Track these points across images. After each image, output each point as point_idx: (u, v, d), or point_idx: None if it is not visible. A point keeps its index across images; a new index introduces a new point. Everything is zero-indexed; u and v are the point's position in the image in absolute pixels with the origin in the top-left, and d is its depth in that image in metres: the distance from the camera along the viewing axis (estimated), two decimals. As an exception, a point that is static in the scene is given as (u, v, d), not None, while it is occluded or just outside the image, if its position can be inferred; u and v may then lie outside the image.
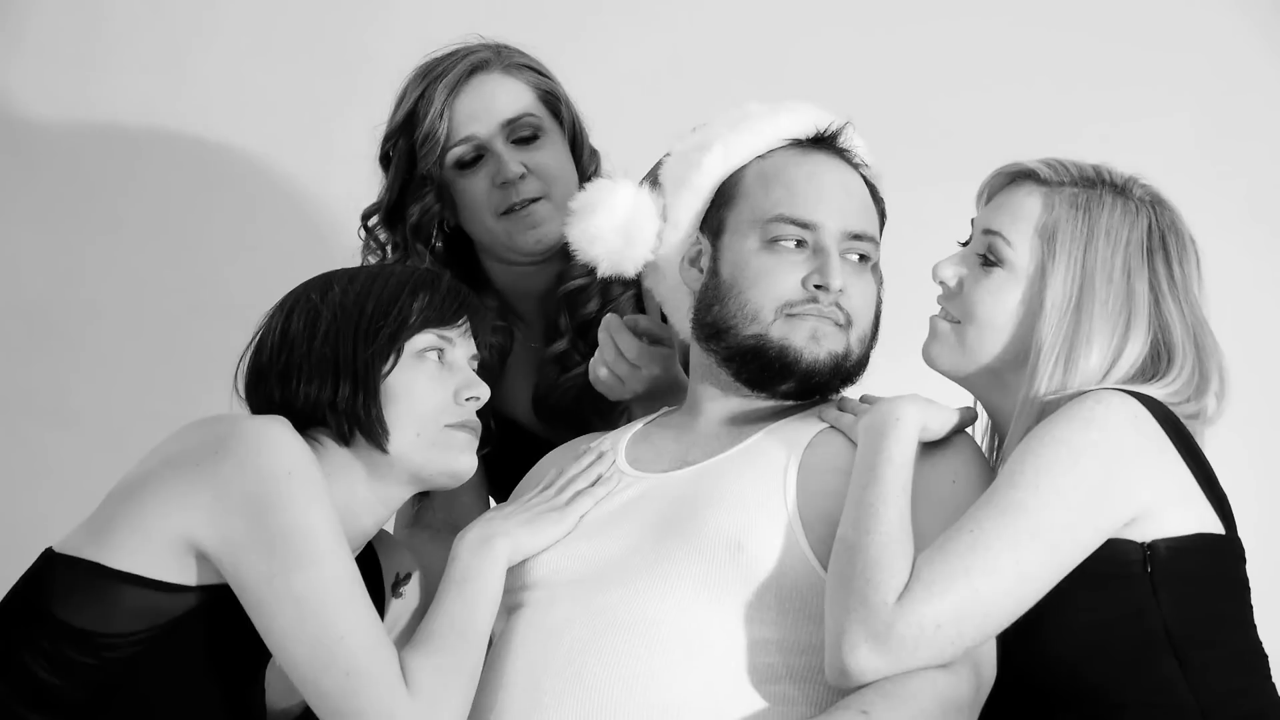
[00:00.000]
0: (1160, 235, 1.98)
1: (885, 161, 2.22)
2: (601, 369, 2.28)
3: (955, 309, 2.03)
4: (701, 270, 2.14)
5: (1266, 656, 1.93)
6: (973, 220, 2.08)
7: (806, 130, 2.15)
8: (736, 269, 2.11)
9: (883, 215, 2.19)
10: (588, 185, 2.22)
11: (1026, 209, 2.00)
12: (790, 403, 2.11)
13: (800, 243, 2.08)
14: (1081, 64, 2.98)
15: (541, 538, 2.01)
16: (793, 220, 2.08)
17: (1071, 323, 1.95)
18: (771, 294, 2.07)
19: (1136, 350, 1.95)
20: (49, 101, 3.06)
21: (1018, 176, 2.04)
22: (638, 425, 2.19)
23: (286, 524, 1.80)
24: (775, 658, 1.88)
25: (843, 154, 2.15)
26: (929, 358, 2.06)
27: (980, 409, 2.08)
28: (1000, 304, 1.99)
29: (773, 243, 2.08)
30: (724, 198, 2.15)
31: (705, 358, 2.14)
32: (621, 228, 2.18)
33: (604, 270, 2.19)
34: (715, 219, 2.15)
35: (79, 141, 3.06)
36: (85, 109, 3.06)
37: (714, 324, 2.11)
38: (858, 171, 2.15)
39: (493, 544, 1.97)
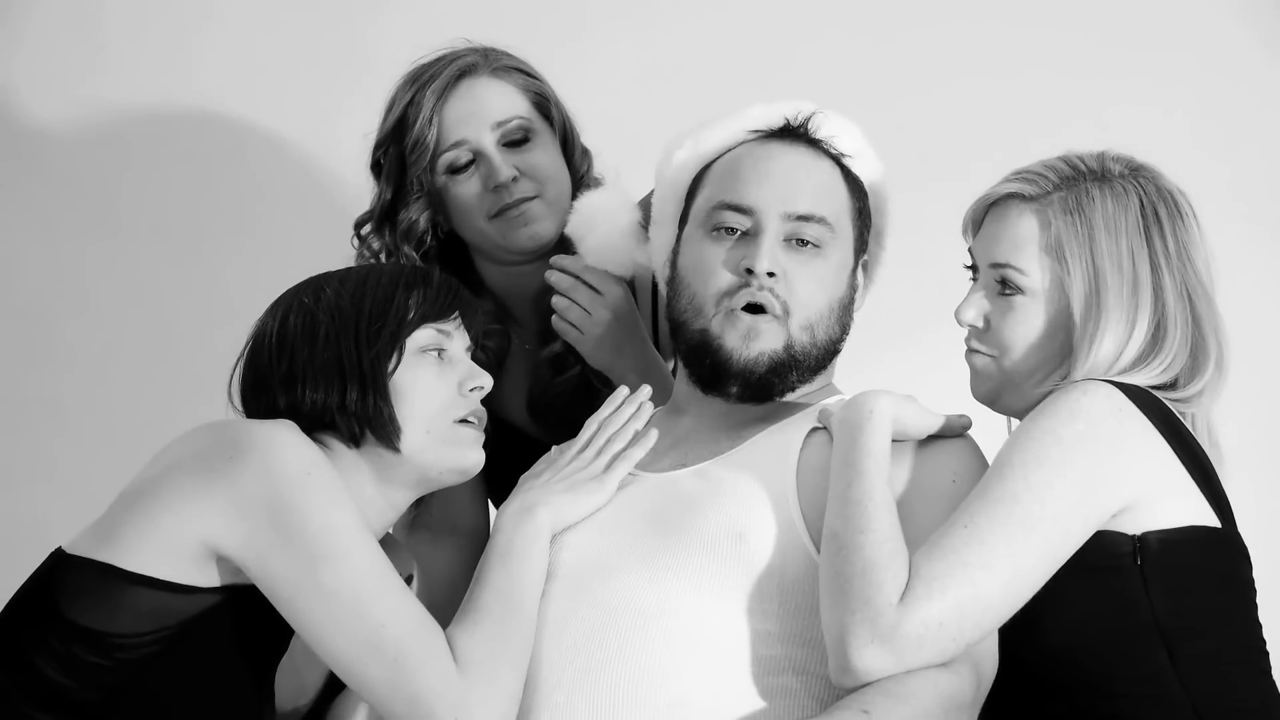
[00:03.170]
0: (1153, 207, 1.98)
1: (883, 160, 2.22)
2: (561, 302, 2.31)
3: (989, 345, 2.02)
4: (669, 266, 2.16)
5: (1266, 652, 1.93)
6: (970, 251, 2.07)
7: (774, 122, 2.14)
8: (686, 261, 2.12)
9: (862, 201, 2.15)
10: (593, 190, 2.31)
11: (1024, 232, 1.99)
12: (781, 402, 2.11)
13: (744, 232, 2.07)
14: (1080, 63, 2.98)
15: (582, 506, 2.01)
16: (730, 205, 2.08)
17: (1095, 320, 1.95)
18: (711, 283, 2.07)
19: (1143, 331, 1.95)
20: (49, 101, 3.06)
21: (1001, 200, 2.03)
22: (634, 430, 2.19)
23: (309, 522, 1.80)
24: (777, 649, 1.88)
25: (811, 142, 2.13)
26: (984, 397, 2.05)
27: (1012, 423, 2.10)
28: (1031, 329, 1.99)
29: (715, 231, 2.09)
30: (691, 193, 2.16)
31: (678, 357, 2.15)
32: (620, 239, 2.25)
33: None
34: (684, 215, 2.16)
35: (79, 141, 3.06)
36: (85, 108, 3.06)
37: (674, 319, 2.13)
38: (830, 159, 2.13)
39: (534, 513, 1.97)
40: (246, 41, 3.07)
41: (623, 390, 2.13)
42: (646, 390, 2.12)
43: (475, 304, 2.04)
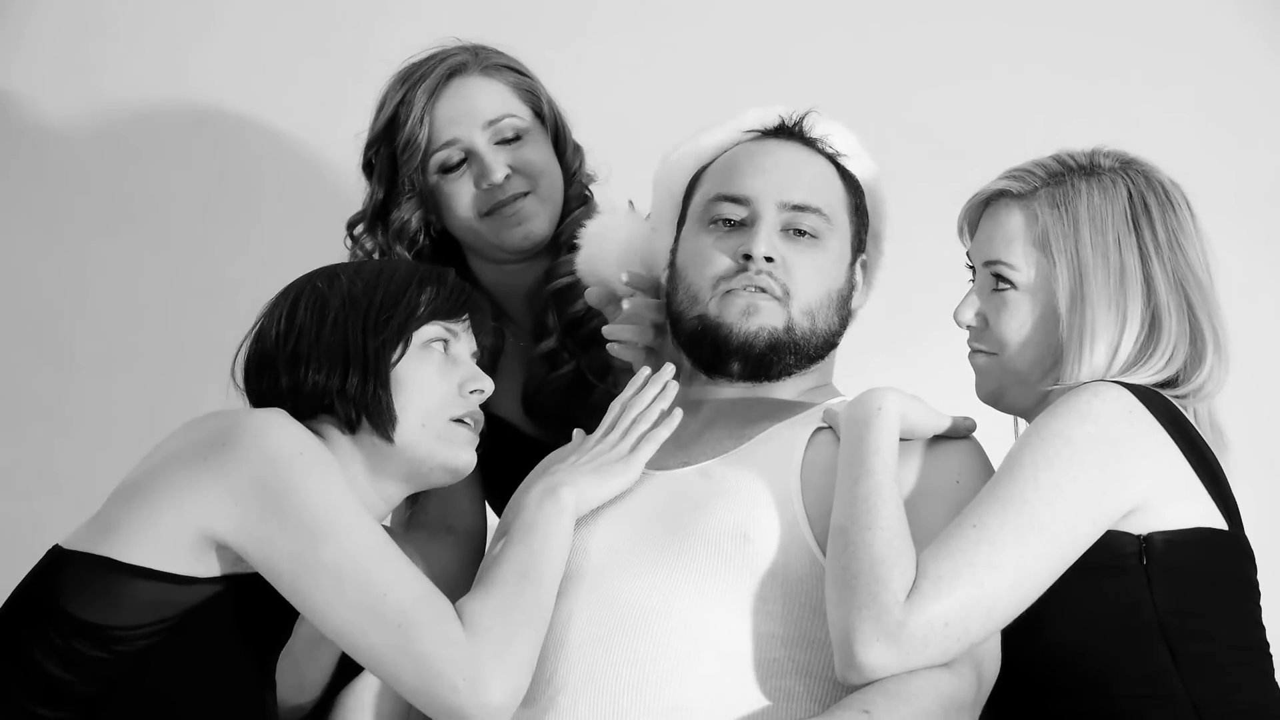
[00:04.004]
0: (1141, 198, 1.99)
1: (883, 161, 2.22)
2: (621, 330, 2.23)
3: (987, 344, 2.04)
4: (668, 267, 2.17)
5: (1269, 654, 1.93)
6: (968, 254, 2.09)
7: (769, 122, 2.16)
8: (684, 255, 2.13)
9: (858, 199, 2.17)
10: (595, 217, 2.31)
11: (1012, 227, 2.01)
12: (782, 398, 2.11)
13: (740, 222, 2.08)
14: (1080, 63, 2.98)
15: (608, 488, 1.99)
16: (727, 196, 2.09)
17: (1080, 313, 1.96)
18: (707, 272, 2.08)
19: (1137, 321, 1.95)
20: (49, 100, 3.06)
21: (990, 199, 2.05)
22: (639, 428, 2.19)
23: (305, 501, 1.80)
24: (780, 652, 1.88)
25: (806, 141, 2.14)
26: (988, 397, 2.06)
27: (1020, 424, 2.10)
28: (1024, 323, 2.00)
29: (712, 223, 2.10)
30: (688, 195, 2.17)
31: (677, 351, 2.15)
32: (643, 244, 2.24)
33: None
34: (682, 216, 2.17)
35: (80, 141, 3.06)
36: (86, 108, 3.06)
37: (672, 314, 2.14)
38: (823, 156, 2.15)
39: (558, 494, 1.96)
40: (247, 41, 3.07)
41: (644, 370, 2.11)
42: (670, 369, 2.10)
43: (486, 309, 2.04)
